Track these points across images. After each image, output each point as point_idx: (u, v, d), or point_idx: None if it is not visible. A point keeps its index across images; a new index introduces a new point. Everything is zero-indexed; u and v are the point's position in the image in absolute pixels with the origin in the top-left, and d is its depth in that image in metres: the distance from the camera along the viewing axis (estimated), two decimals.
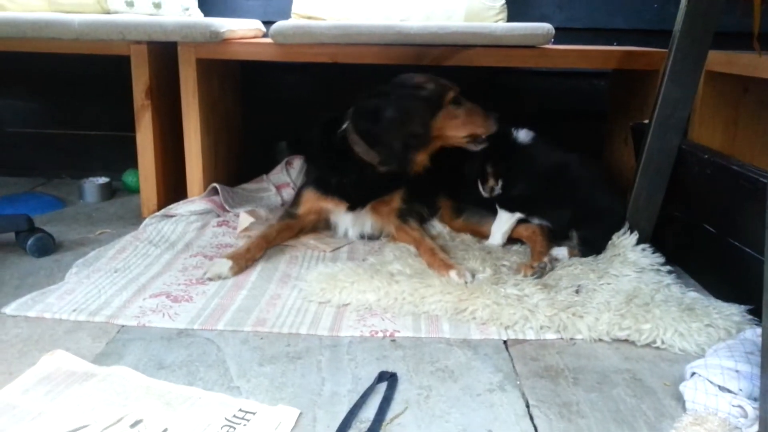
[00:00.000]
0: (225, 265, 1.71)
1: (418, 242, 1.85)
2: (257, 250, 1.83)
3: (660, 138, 1.76)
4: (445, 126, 1.85)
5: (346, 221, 1.99)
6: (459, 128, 1.86)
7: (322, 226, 2.06)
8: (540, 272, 1.68)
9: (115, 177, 2.58)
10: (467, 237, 1.98)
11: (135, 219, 2.21)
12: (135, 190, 2.50)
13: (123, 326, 1.43)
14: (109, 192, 2.49)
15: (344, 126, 1.89)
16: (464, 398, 1.20)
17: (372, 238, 2.02)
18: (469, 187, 1.97)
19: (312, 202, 1.98)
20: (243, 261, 1.76)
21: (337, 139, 1.90)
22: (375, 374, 1.26)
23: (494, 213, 1.95)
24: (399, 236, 1.95)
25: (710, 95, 2.01)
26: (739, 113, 2.06)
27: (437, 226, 2.04)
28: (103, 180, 2.49)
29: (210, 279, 1.68)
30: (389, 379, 1.24)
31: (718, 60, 1.81)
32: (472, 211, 2.01)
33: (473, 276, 1.65)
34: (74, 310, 1.48)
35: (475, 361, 1.33)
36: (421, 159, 1.87)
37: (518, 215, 1.91)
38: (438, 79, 1.87)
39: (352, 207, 1.95)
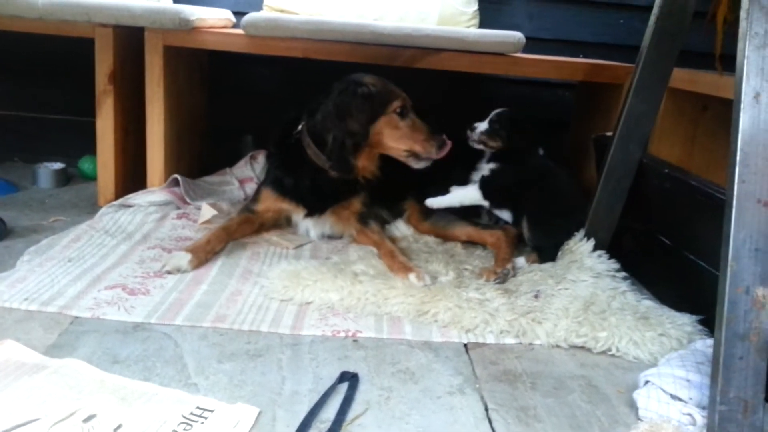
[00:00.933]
0: (184, 258, 1.67)
1: (378, 245, 1.85)
2: (218, 243, 1.80)
3: (623, 150, 1.80)
4: (384, 133, 1.81)
5: (307, 223, 1.98)
6: (398, 140, 1.82)
7: (283, 223, 2.04)
8: (503, 278, 1.70)
9: (71, 163, 2.50)
10: (431, 239, 1.99)
11: (90, 207, 2.14)
12: (91, 178, 2.43)
13: (76, 318, 1.39)
14: (64, 178, 2.41)
15: (299, 127, 1.88)
16: (425, 400, 1.20)
17: (333, 238, 2.01)
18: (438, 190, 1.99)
19: (270, 201, 1.96)
20: (203, 254, 1.73)
21: (293, 140, 1.87)
22: (336, 374, 1.25)
23: (461, 218, 1.98)
24: (360, 239, 1.95)
25: (671, 111, 2.07)
26: (697, 130, 2.13)
27: (402, 228, 2.05)
28: (58, 165, 2.41)
29: (168, 272, 1.64)
30: (350, 379, 1.23)
31: (680, 77, 1.86)
32: (440, 215, 2.01)
33: (433, 279, 1.66)
34: (25, 299, 1.42)
35: (436, 364, 1.34)
36: (364, 164, 1.86)
37: (483, 202, 1.94)
38: (388, 84, 1.85)
39: (310, 213, 1.95)
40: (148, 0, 2.34)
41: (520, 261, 1.85)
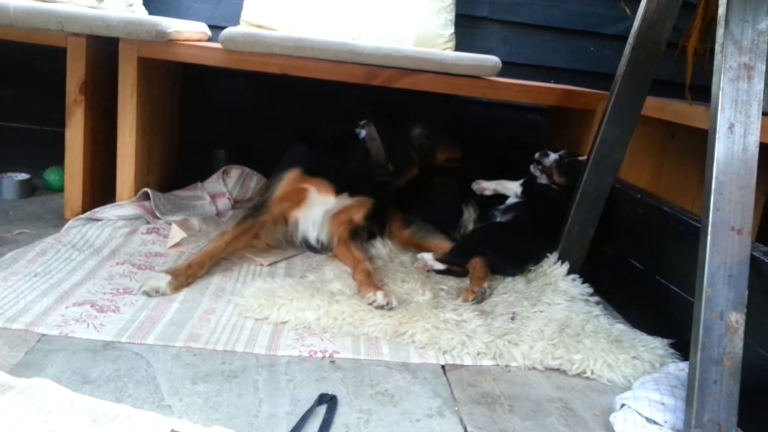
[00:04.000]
0: (163, 280, 1.60)
1: (357, 261, 1.84)
2: (199, 268, 1.72)
3: (596, 175, 1.84)
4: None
5: (316, 221, 1.97)
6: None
7: (280, 232, 1.99)
8: (480, 297, 1.70)
9: (36, 174, 2.42)
10: (406, 259, 1.99)
11: (56, 220, 2.07)
12: (57, 189, 2.36)
13: (44, 335, 1.33)
14: (29, 189, 2.33)
15: (362, 123, 2.02)
16: (404, 423, 1.19)
17: (320, 248, 2.01)
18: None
19: (294, 182, 1.94)
20: (183, 278, 1.66)
21: (352, 132, 2.01)
22: (314, 396, 1.23)
23: (440, 230, 2.05)
24: (339, 251, 1.94)
25: (640, 138, 2.13)
26: (665, 157, 2.20)
27: (378, 247, 2.04)
28: (22, 176, 2.33)
29: (146, 293, 1.57)
30: (329, 401, 1.22)
31: (650, 105, 1.92)
32: (420, 225, 2.07)
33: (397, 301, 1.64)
34: None
35: (415, 386, 1.33)
36: (413, 173, 2.10)
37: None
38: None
39: (339, 191, 1.96)
40: (123, 10, 2.30)
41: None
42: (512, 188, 2.15)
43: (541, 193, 2.08)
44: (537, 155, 2.12)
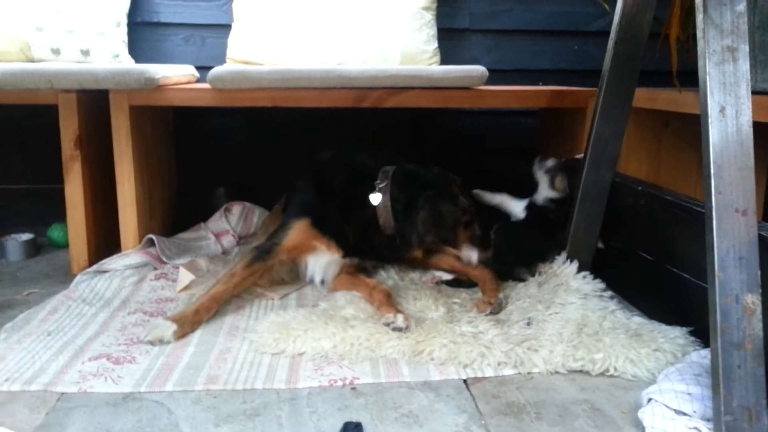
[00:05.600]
0: (168, 329, 1.59)
1: (373, 287, 1.81)
2: (205, 313, 1.70)
3: (594, 172, 1.84)
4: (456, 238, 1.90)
5: (322, 266, 1.93)
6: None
7: (288, 272, 1.97)
8: (497, 308, 1.70)
9: (40, 233, 2.43)
10: (415, 276, 1.98)
11: (64, 276, 2.08)
12: (62, 246, 2.37)
13: (63, 394, 1.33)
14: (34, 249, 2.34)
15: (379, 185, 1.88)
16: None
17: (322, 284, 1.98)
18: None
19: (304, 237, 1.88)
20: (188, 325, 1.64)
21: (365, 195, 1.88)
22: (339, 426, 1.22)
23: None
24: (340, 281, 1.92)
25: (634, 130, 2.14)
26: (661, 146, 2.20)
27: (381, 273, 2.03)
28: (26, 236, 2.34)
29: (150, 342, 1.56)
30: (354, 429, 1.21)
31: (641, 96, 1.92)
32: None
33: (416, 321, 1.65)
34: (6, 380, 1.36)
35: (438, 404, 1.32)
36: (423, 250, 1.93)
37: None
38: (466, 194, 1.95)
39: (346, 255, 1.91)
40: (110, 62, 2.33)
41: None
42: (516, 209, 2.13)
43: (543, 217, 2.07)
44: (537, 160, 2.13)
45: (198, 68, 2.49)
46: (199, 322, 1.68)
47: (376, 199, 1.86)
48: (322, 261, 1.92)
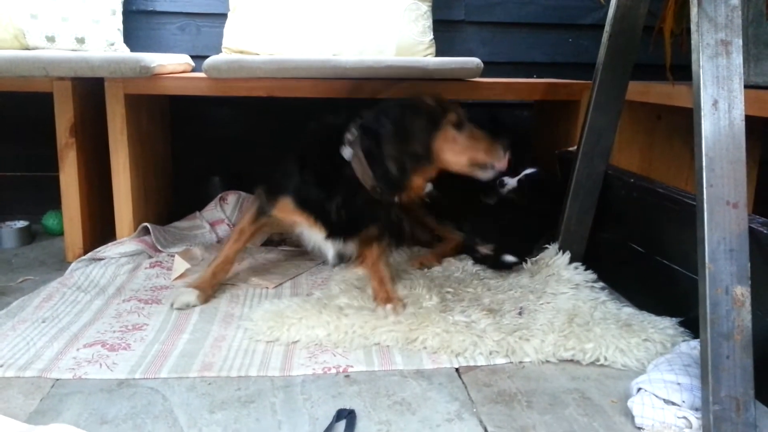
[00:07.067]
0: (192, 294, 1.73)
1: (373, 268, 1.79)
2: (222, 274, 1.83)
3: (587, 164, 1.85)
4: (444, 148, 1.67)
5: (317, 240, 1.80)
6: (459, 154, 1.68)
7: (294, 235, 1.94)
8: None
9: (35, 220, 2.43)
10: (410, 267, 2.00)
11: (59, 264, 2.08)
12: (57, 233, 2.37)
13: (57, 380, 1.34)
14: (29, 236, 2.34)
15: (346, 139, 1.69)
16: (424, 431, 1.19)
17: (343, 259, 1.86)
18: None
19: (287, 212, 1.78)
20: (209, 288, 1.78)
21: (333, 151, 1.70)
22: (332, 413, 1.23)
23: None
24: (363, 258, 1.85)
25: (627, 123, 2.15)
26: (654, 139, 2.21)
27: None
28: (21, 224, 2.34)
29: (179, 308, 1.70)
30: (347, 416, 1.22)
31: (634, 90, 1.93)
32: None
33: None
34: (1, 366, 1.37)
35: (431, 392, 1.33)
36: (418, 184, 1.70)
37: None
38: (441, 99, 1.73)
39: (331, 235, 1.76)
40: (105, 50, 2.32)
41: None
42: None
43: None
44: (496, 184, 2.11)
45: (193, 57, 2.49)
46: (218, 284, 1.82)
47: (347, 153, 1.68)
48: (319, 239, 1.79)
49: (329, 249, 1.80)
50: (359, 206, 1.71)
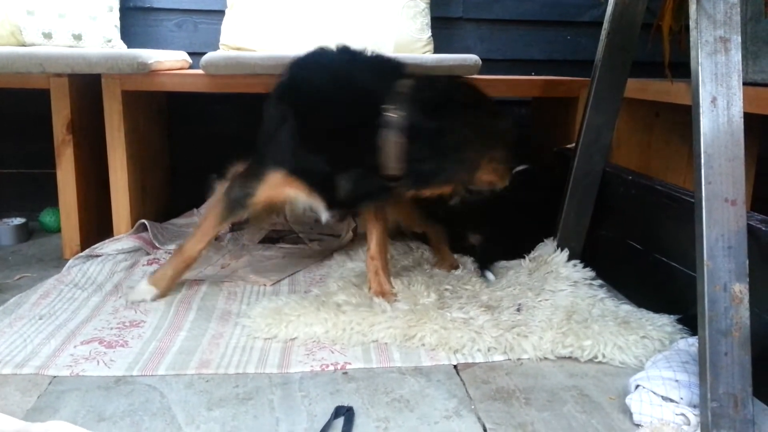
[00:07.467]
0: (149, 293, 1.72)
1: (373, 257, 1.72)
2: (184, 272, 1.80)
3: (586, 161, 1.85)
4: (487, 170, 1.55)
5: (310, 205, 1.63)
6: (494, 178, 1.57)
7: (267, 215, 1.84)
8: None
9: (32, 217, 2.42)
10: (408, 263, 1.99)
11: (56, 261, 2.07)
12: (54, 230, 2.36)
13: (55, 377, 1.33)
14: (26, 233, 2.34)
15: (390, 110, 1.44)
16: (422, 427, 1.19)
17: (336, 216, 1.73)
18: None
19: (277, 188, 1.57)
20: (167, 288, 1.76)
21: (359, 125, 1.45)
22: (330, 410, 1.23)
23: None
24: (367, 220, 1.73)
25: (625, 120, 2.15)
26: (652, 136, 2.22)
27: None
28: (18, 221, 2.33)
29: (132, 302, 1.70)
30: (346, 413, 1.22)
31: (632, 87, 1.93)
32: None
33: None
34: None
35: (429, 389, 1.33)
36: (443, 192, 1.58)
37: None
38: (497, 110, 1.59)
39: (330, 206, 1.59)
40: (102, 46, 2.32)
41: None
42: None
43: None
44: None
45: (191, 54, 2.48)
46: (176, 282, 1.79)
47: (386, 131, 1.43)
48: (311, 205, 1.63)
49: (323, 212, 1.61)
50: (369, 186, 1.54)
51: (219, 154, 2.66)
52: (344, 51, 1.63)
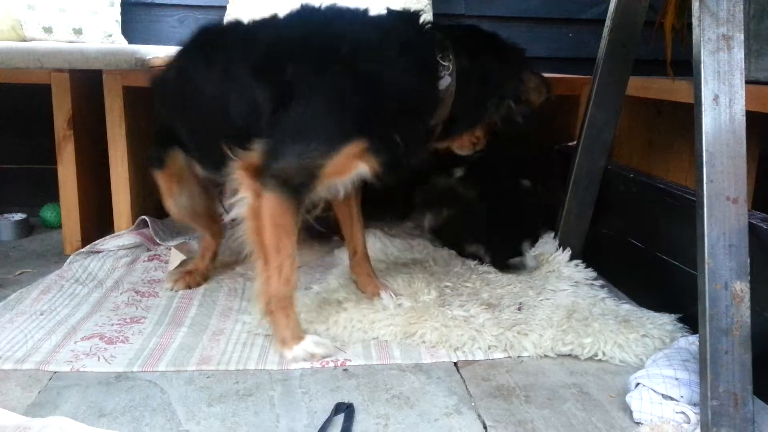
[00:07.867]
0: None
1: (362, 232, 1.71)
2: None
3: (587, 159, 1.85)
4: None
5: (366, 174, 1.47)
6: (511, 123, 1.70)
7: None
8: None
9: (32, 212, 2.42)
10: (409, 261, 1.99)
11: (57, 257, 2.08)
12: (55, 226, 2.36)
13: (55, 372, 1.33)
14: (27, 229, 2.34)
15: (444, 65, 1.47)
16: (423, 425, 1.19)
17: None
18: None
19: (348, 161, 1.40)
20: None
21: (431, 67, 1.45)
22: (330, 406, 1.23)
23: None
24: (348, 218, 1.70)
25: (627, 118, 2.15)
26: (654, 134, 2.21)
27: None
28: (19, 216, 2.33)
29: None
30: (346, 410, 1.22)
31: (634, 85, 1.93)
32: None
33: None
34: None
35: (429, 386, 1.33)
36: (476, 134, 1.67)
37: None
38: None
39: (381, 174, 1.46)
40: (102, 41, 2.31)
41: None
42: None
43: None
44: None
45: None
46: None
47: (446, 81, 1.46)
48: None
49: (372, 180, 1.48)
50: (420, 143, 1.51)
51: None
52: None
